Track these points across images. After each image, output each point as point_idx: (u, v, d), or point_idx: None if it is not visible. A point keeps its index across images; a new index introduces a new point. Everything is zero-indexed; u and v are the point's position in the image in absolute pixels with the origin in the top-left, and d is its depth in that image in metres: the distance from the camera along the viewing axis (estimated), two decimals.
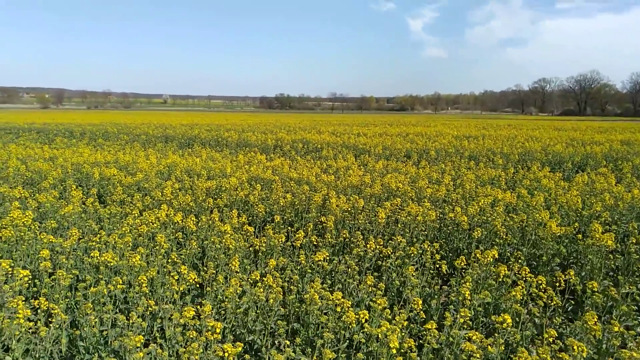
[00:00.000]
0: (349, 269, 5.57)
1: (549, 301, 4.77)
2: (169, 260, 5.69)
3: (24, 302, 4.08)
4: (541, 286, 4.95)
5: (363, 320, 4.15)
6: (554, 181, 11.12)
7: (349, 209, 8.30)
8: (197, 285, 5.57)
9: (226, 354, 3.38)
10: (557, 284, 5.24)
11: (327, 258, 5.84)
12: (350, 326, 4.15)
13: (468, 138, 24.03)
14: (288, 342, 4.03)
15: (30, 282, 4.96)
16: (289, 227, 7.62)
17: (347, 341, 4.28)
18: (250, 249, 6.58)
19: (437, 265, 5.89)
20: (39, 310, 4.24)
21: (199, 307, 4.38)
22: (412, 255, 6.12)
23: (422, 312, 4.63)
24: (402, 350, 3.78)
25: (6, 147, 17.17)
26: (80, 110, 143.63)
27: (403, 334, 4.20)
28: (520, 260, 6.11)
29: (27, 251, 6.14)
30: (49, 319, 4.32)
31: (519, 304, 4.73)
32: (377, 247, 6.25)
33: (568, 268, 5.87)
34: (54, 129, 29.23)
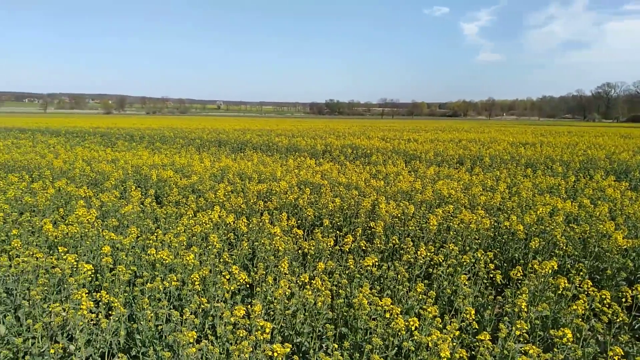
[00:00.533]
0: (399, 276, 5.48)
1: (614, 317, 4.47)
2: (221, 260, 5.83)
3: (87, 295, 4.31)
4: (605, 301, 4.64)
5: (413, 328, 4.06)
6: (619, 191, 10.46)
7: (399, 215, 8.19)
8: (247, 286, 5.66)
9: (275, 354, 3.41)
10: (623, 300, 4.90)
11: (376, 263, 5.77)
12: (400, 333, 4.08)
13: (524, 145, 23.11)
14: (336, 346, 4.01)
15: (92, 276, 5.24)
16: (338, 232, 7.61)
17: (396, 348, 4.20)
18: (299, 251, 6.63)
19: (491, 275, 5.68)
20: (100, 303, 4.46)
21: (248, 306, 4.45)
22: (465, 263, 5.94)
23: (474, 322, 4.48)
24: None
25: (73, 150, 18.33)
26: (139, 115, 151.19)
27: (454, 343, 4.07)
28: (581, 273, 5.77)
29: (90, 247, 6.48)
30: (109, 312, 4.53)
31: (580, 319, 4.47)
32: (428, 254, 6.11)
33: (636, 283, 5.47)
34: (116, 133, 30.85)
